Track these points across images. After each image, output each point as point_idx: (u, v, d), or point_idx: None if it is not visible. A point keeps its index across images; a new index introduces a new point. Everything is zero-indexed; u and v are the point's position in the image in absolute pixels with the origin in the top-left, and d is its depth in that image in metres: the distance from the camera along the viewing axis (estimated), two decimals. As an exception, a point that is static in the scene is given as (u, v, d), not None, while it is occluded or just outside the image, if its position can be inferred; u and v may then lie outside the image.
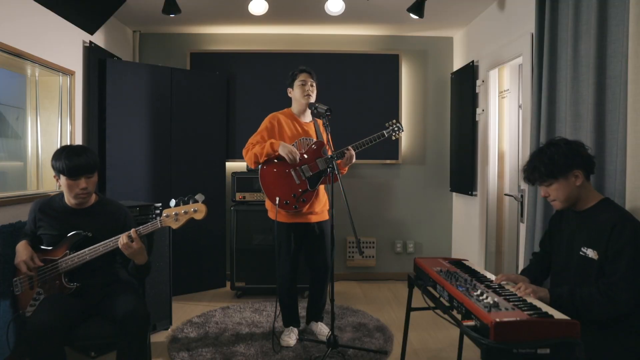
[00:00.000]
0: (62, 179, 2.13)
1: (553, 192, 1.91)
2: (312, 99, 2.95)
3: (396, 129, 3.06)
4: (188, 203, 2.13)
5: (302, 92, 2.93)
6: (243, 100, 4.41)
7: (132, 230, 2.09)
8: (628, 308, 1.70)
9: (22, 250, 2.13)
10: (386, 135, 3.01)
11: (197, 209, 2.12)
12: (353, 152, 2.88)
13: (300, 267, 3.07)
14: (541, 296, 1.77)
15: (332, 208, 2.73)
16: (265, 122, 2.96)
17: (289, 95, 3.03)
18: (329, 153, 2.77)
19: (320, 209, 2.97)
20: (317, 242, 2.98)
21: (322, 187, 3.00)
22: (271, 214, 2.90)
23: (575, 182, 1.87)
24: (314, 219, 2.93)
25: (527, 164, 1.97)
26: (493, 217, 3.81)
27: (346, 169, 3.03)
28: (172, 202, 2.14)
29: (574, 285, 1.82)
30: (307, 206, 2.86)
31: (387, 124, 3.06)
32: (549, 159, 1.86)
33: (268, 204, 2.93)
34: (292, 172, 2.84)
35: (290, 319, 3.04)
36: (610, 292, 1.70)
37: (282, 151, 2.76)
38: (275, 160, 2.87)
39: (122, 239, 2.08)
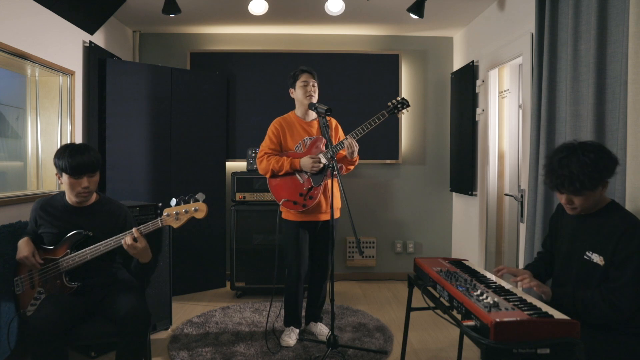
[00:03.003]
0: (64, 177, 2.13)
1: (579, 201, 1.76)
2: (315, 99, 2.95)
3: (399, 105, 2.89)
4: (189, 202, 2.13)
5: (304, 93, 2.93)
6: (243, 100, 4.41)
7: (134, 229, 2.09)
8: (629, 315, 1.68)
9: (24, 246, 2.14)
10: (387, 115, 2.87)
11: (197, 208, 2.12)
12: (352, 140, 2.80)
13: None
14: (544, 291, 1.76)
15: (332, 208, 2.72)
16: (270, 128, 2.99)
17: (291, 95, 3.03)
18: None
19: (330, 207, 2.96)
20: (323, 240, 2.99)
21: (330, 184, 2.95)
22: (284, 215, 2.96)
23: (601, 191, 1.75)
24: (323, 217, 2.94)
25: (561, 168, 1.71)
26: (493, 217, 3.81)
27: (356, 158, 2.92)
28: (173, 202, 2.15)
29: (576, 287, 1.81)
30: (315, 203, 2.87)
31: (389, 103, 2.91)
32: (592, 170, 1.66)
33: (282, 207, 2.95)
34: (296, 173, 2.88)
35: (292, 318, 3.04)
36: (612, 298, 1.68)
37: (306, 167, 2.82)
38: None
39: (126, 240, 2.08)
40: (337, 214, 2.96)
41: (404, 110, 2.92)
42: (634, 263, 1.66)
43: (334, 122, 3.08)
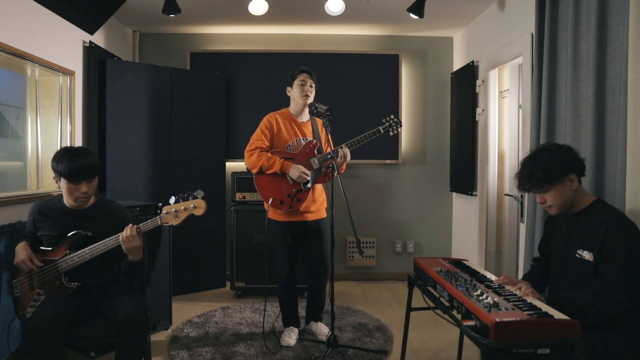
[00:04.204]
0: (63, 181, 2.12)
1: (549, 198, 1.88)
2: (311, 100, 2.96)
3: (393, 124, 2.98)
4: (187, 199, 2.13)
5: (300, 92, 2.94)
6: (243, 100, 4.41)
7: (133, 227, 2.07)
8: (622, 308, 1.69)
9: (21, 251, 2.13)
10: (382, 131, 2.94)
11: (196, 205, 2.12)
12: (346, 150, 2.84)
13: (300, 267, 3.08)
14: (539, 297, 1.77)
15: (333, 208, 2.72)
16: (263, 122, 2.98)
17: (288, 94, 3.04)
18: (326, 152, 2.78)
19: (317, 207, 2.97)
20: (315, 241, 2.98)
21: (319, 186, 2.99)
22: (270, 214, 2.94)
23: (571, 187, 1.85)
24: (310, 217, 2.94)
25: (521, 171, 1.93)
26: (493, 217, 3.81)
27: (344, 167, 2.98)
28: (172, 199, 2.14)
29: (570, 289, 1.82)
30: (303, 205, 2.86)
31: (384, 120, 2.99)
32: (544, 164, 1.83)
33: (268, 206, 2.94)
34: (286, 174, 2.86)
35: (290, 318, 3.04)
36: (603, 294, 1.69)
37: (293, 175, 2.80)
38: None
39: (124, 232, 2.06)
40: (323, 214, 2.99)
41: (397, 130, 3.02)
42: (621, 255, 1.69)
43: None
